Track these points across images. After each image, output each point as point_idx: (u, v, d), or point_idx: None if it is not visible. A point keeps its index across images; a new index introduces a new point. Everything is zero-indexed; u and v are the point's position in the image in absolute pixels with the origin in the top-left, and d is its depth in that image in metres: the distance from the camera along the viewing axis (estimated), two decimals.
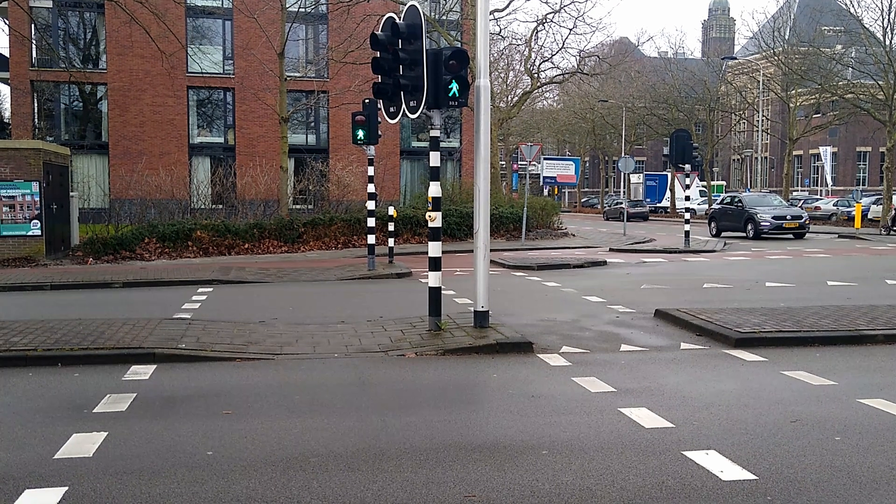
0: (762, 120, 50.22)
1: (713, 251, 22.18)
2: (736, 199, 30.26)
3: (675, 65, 53.66)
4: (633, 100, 54.59)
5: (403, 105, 9.09)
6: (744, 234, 27.92)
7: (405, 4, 11.65)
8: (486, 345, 8.23)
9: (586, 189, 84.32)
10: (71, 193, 21.37)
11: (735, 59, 52.51)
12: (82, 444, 5.15)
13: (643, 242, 25.65)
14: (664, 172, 66.29)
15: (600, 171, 74.06)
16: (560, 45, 50.54)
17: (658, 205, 59.76)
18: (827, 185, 49.58)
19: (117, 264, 18.56)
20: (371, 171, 16.63)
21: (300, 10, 27.19)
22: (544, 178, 30.72)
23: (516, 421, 5.70)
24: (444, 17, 32.93)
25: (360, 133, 15.93)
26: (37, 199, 18.33)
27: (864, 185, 59.49)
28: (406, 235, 23.70)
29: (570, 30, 51.20)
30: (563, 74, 39.25)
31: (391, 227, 18.44)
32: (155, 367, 7.51)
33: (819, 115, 48.51)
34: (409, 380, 7.09)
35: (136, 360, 7.66)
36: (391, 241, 18.22)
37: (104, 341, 8.20)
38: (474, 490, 4.39)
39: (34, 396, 6.56)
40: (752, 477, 4.54)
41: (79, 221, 21.67)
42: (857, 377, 7.06)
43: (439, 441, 5.25)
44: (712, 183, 57.00)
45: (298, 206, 27.54)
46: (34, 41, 32.69)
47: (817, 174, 62.45)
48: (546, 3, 68.68)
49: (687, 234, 23.30)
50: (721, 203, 31.73)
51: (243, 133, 36.00)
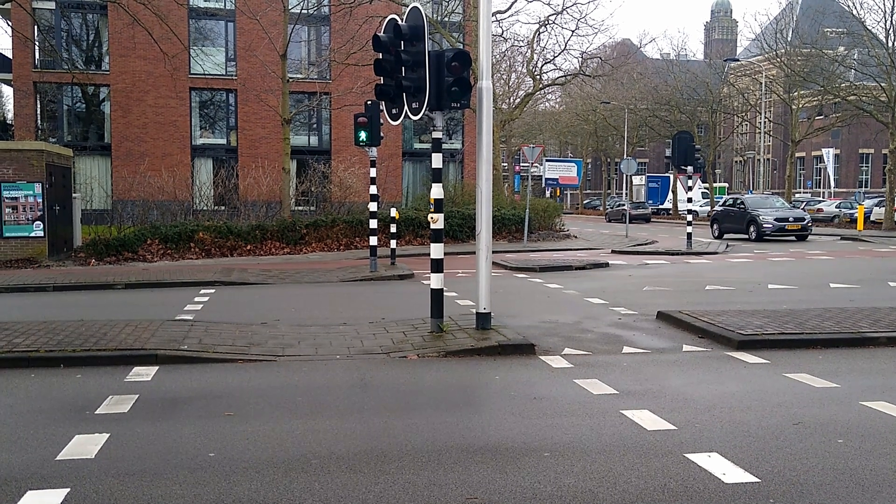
0: (764, 122, 50.18)
1: (715, 253, 22.16)
2: (738, 201, 30.23)
3: (677, 66, 53.64)
4: (636, 101, 54.58)
5: (405, 107, 9.09)
6: (746, 236, 27.90)
7: (407, 6, 11.66)
8: (488, 347, 8.23)
9: (588, 191, 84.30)
10: (73, 195, 21.41)
11: (737, 60, 52.53)
12: (84, 446, 5.15)
13: (645, 244, 25.64)
14: (666, 174, 66.29)
15: (602, 172, 74.01)
16: (562, 47, 50.71)
17: (660, 206, 59.74)
18: (829, 187, 49.49)
19: (119, 265, 18.58)
20: (373, 172, 16.63)
21: (302, 11, 27.22)
22: (546, 179, 30.76)
23: (518, 423, 5.70)
24: (446, 19, 32.95)
25: (363, 135, 15.94)
26: (39, 200, 18.36)
27: (866, 187, 59.40)
28: (408, 237, 23.70)
29: (573, 31, 51.33)
30: (565, 76, 39.27)
31: (393, 228, 18.44)
32: (157, 368, 7.51)
33: (821, 116, 48.49)
34: (410, 381, 7.09)
35: (139, 362, 7.67)
36: (393, 243, 18.23)
37: (106, 343, 8.20)
38: (476, 492, 4.39)
39: (36, 398, 6.56)
40: (755, 479, 4.53)
41: (81, 223, 21.70)
42: (860, 379, 7.05)
43: (441, 443, 5.25)
44: (714, 185, 56.96)
45: (300, 208, 27.58)
46: (37, 43, 32.77)
47: (820, 176, 62.38)
48: (548, 4, 69.23)
49: (689, 235, 23.28)
50: (723, 205, 31.69)
51: (246, 134, 36.03)
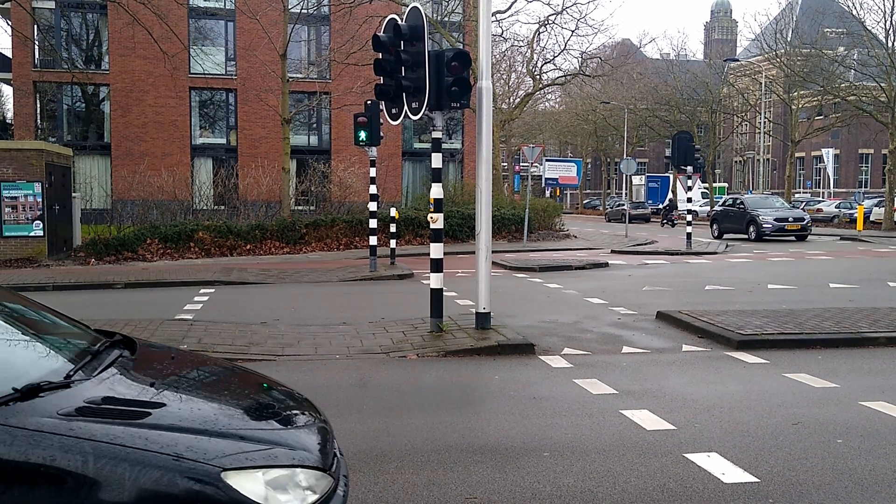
0: (764, 122, 50.20)
1: (715, 253, 22.17)
2: (738, 201, 30.22)
3: (677, 66, 53.66)
4: (635, 101, 54.58)
5: (405, 106, 9.09)
6: (746, 236, 27.90)
7: (407, 6, 11.66)
8: (488, 346, 8.23)
9: (588, 191, 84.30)
10: (73, 194, 21.39)
11: (737, 60, 52.52)
12: None
13: (645, 244, 25.65)
14: (666, 174, 66.29)
15: (602, 172, 74.03)
16: (562, 47, 50.69)
17: (660, 206, 59.70)
18: (829, 188, 49.52)
19: (119, 265, 18.57)
20: (373, 172, 16.63)
21: (302, 11, 27.21)
22: (546, 179, 30.74)
23: (518, 423, 5.70)
24: (446, 19, 32.94)
25: (362, 134, 15.94)
26: (39, 199, 18.35)
27: (866, 187, 59.42)
28: (408, 237, 23.69)
29: (573, 31, 51.24)
30: (565, 76, 39.27)
31: (393, 228, 18.45)
32: None
33: (821, 117, 48.49)
34: (410, 381, 7.09)
35: None
36: (393, 243, 18.23)
37: None
38: (475, 492, 4.39)
39: None
40: (754, 479, 4.54)
41: (81, 222, 21.68)
42: (859, 379, 7.06)
43: (440, 443, 5.26)
44: (714, 185, 56.95)
45: (300, 208, 27.57)
46: (37, 42, 32.72)
47: (819, 176, 62.40)
48: (548, 4, 69.21)
49: (689, 235, 23.28)
50: (723, 205, 31.69)
51: (245, 134, 36.02)
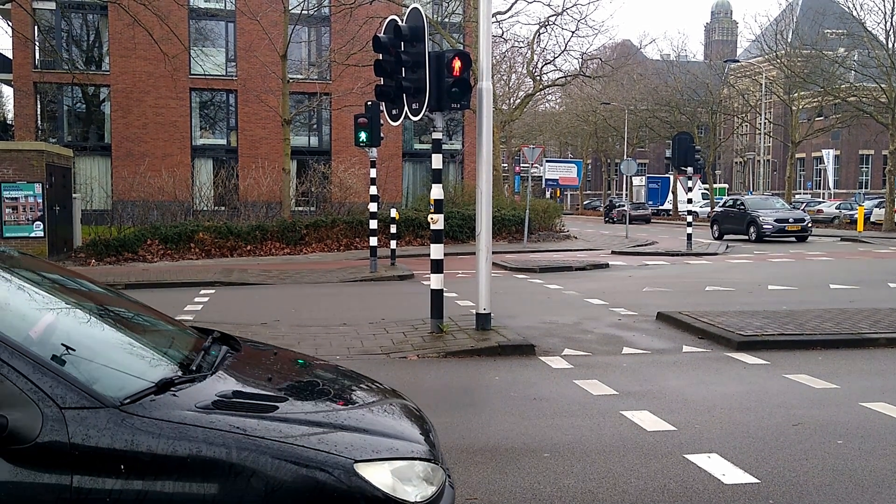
0: (764, 123, 50.17)
1: (715, 254, 22.16)
2: (738, 202, 30.22)
3: (677, 67, 53.65)
4: (636, 102, 54.58)
5: (406, 107, 9.09)
6: (746, 237, 27.90)
7: (408, 7, 11.66)
8: (488, 347, 8.23)
9: (588, 192, 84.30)
10: (74, 195, 21.40)
11: (737, 61, 52.54)
12: None
13: (645, 245, 25.64)
14: (666, 175, 66.29)
15: (602, 173, 74.02)
16: (562, 48, 50.54)
17: (660, 207, 59.74)
18: (829, 188, 49.51)
19: (119, 266, 18.58)
20: (373, 173, 16.64)
21: (303, 12, 27.23)
22: (546, 180, 30.78)
23: (518, 423, 5.70)
24: (446, 20, 32.95)
25: (363, 135, 15.94)
26: (39, 200, 18.35)
27: (866, 188, 59.39)
28: (408, 237, 23.69)
29: (573, 32, 51.12)
30: (565, 77, 39.27)
31: (393, 229, 18.45)
32: None
33: (821, 118, 48.49)
34: (410, 382, 7.09)
35: None
36: (393, 244, 18.23)
37: None
38: (476, 492, 4.39)
39: None
40: (754, 480, 4.54)
41: (81, 223, 21.68)
42: (860, 380, 7.05)
43: (441, 443, 5.24)
44: (714, 186, 56.96)
45: (301, 208, 27.58)
46: (37, 43, 32.74)
47: (820, 177, 62.38)
48: (548, 5, 69.19)
49: (689, 236, 23.28)
50: (723, 206, 31.69)
51: (246, 135, 36.03)
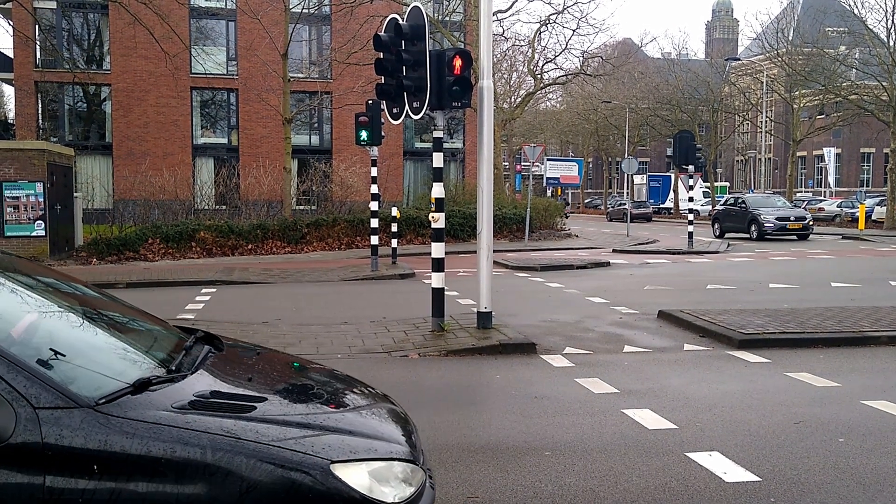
0: (766, 121, 50.16)
1: (716, 252, 22.16)
2: (739, 201, 30.19)
3: (678, 66, 53.61)
4: (637, 101, 54.55)
5: (406, 106, 9.10)
6: (747, 236, 27.88)
7: (408, 5, 11.65)
8: (489, 346, 8.23)
9: (589, 190, 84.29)
10: (75, 194, 21.41)
11: (738, 60, 52.49)
12: None
13: (647, 243, 25.62)
14: (668, 173, 66.29)
15: (604, 172, 74.00)
16: (563, 46, 50.43)
17: (661, 206, 59.75)
18: (830, 187, 49.50)
19: (121, 265, 18.59)
20: (374, 171, 16.64)
21: (304, 11, 27.22)
22: (548, 178, 30.76)
23: (519, 422, 5.70)
24: (447, 19, 32.93)
25: (364, 134, 15.95)
26: (41, 199, 18.37)
27: (867, 186, 59.39)
28: (409, 236, 23.70)
29: (574, 31, 51.17)
30: (566, 75, 39.24)
31: (394, 227, 18.45)
32: None
33: (823, 116, 48.46)
34: (411, 381, 7.09)
35: None
36: (394, 242, 18.24)
37: None
38: (477, 491, 4.39)
39: None
40: (756, 478, 4.54)
41: (83, 222, 21.70)
42: (861, 379, 7.05)
43: (442, 442, 5.25)
44: (716, 184, 56.96)
45: (302, 207, 27.57)
46: (38, 42, 32.73)
47: (821, 175, 62.35)
48: (549, 3, 69.09)
49: (690, 235, 23.27)
50: (724, 204, 31.68)
51: (247, 134, 36.04)
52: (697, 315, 9.72)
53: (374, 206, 16.76)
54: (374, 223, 16.73)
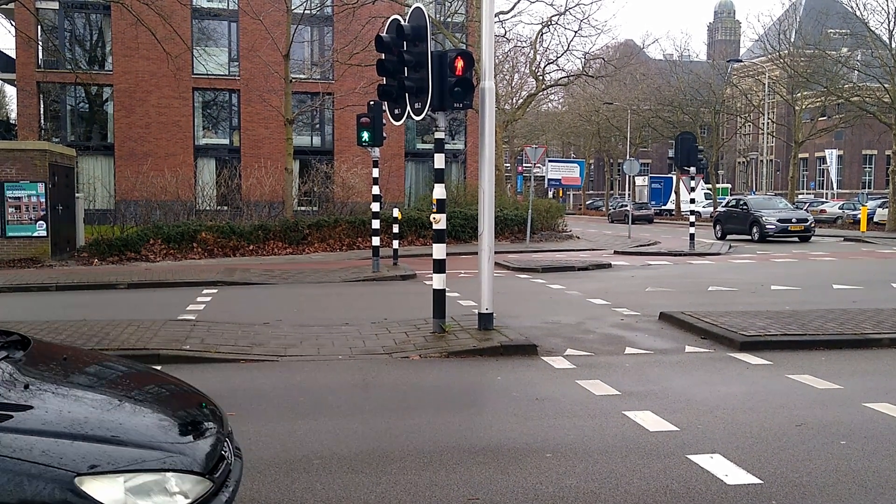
0: (767, 123, 50.10)
1: (718, 254, 22.13)
2: (741, 202, 30.16)
3: (680, 67, 53.58)
4: (638, 102, 54.53)
5: (408, 107, 9.09)
6: (749, 237, 27.85)
7: (410, 7, 11.66)
8: (490, 347, 8.23)
9: (591, 191, 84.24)
10: (76, 194, 21.41)
11: (740, 61, 52.44)
12: None
13: (648, 245, 25.60)
14: (669, 175, 66.24)
15: (605, 173, 73.95)
16: (565, 48, 50.55)
17: (663, 207, 59.71)
18: (832, 188, 49.47)
19: (122, 265, 18.59)
20: (376, 172, 16.64)
21: (305, 12, 27.23)
22: (549, 180, 30.76)
23: (520, 423, 5.69)
24: (449, 20, 32.94)
25: (365, 135, 15.95)
26: (42, 200, 18.38)
27: (869, 188, 59.28)
28: (410, 237, 23.69)
29: (576, 32, 50.79)
30: (568, 77, 39.25)
31: (396, 228, 18.45)
32: (159, 368, 7.50)
33: (825, 118, 48.41)
34: (412, 382, 7.09)
35: (141, 361, 7.54)
36: (396, 243, 18.23)
37: (109, 342, 8.21)
38: (478, 493, 4.38)
39: None
40: (757, 481, 4.52)
41: (84, 222, 21.70)
42: (863, 381, 7.04)
43: (443, 443, 5.25)
44: (717, 186, 56.91)
45: (303, 208, 27.57)
46: (40, 42, 32.79)
47: (823, 177, 62.30)
48: (551, 5, 68.99)
49: (692, 236, 23.25)
50: (726, 206, 31.64)
51: (248, 135, 36.06)
52: (699, 317, 9.71)
53: (375, 207, 16.75)
54: (376, 224, 16.73)
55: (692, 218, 23.88)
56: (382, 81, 9.33)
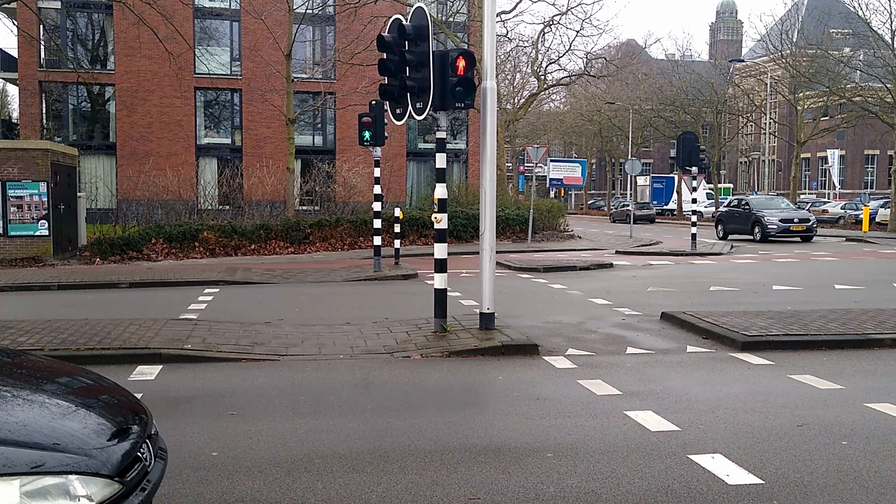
0: (769, 123, 50.07)
1: (720, 254, 22.12)
2: (743, 202, 30.15)
3: (682, 67, 53.53)
4: (640, 102, 54.48)
5: (410, 107, 9.09)
6: (751, 237, 27.84)
7: (412, 6, 11.66)
8: (492, 347, 8.22)
9: (593, 191, 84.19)
10: (78, 194, 21.43)
11: (742, 61, 52.42)
12: None
13: (650, 245, 25.59)
14: (671, 175, 66.19)
15: (607, 173, 73.89)
16: (567, 47, 50.61)
17: (665, 207, 59.67)
18: (834, 188, 49.42)
19: (124, 265, 18.61)
20: (377, 172, 16.64)
21: (307, 11, 27.24)
22: (551, 180, 30.70)
23: (521, 423, 5.69)
24: (450, 19, 32.93)
25: (367, 134, 15.96)
26: (44, 199, 18.39)
27: (871, 188, 59.27)
28: (412, 237, 23.69)
29: (577, 32, 50.64)
30: (569, 76, 39.23)
31: (397, 228, 18.44)
32: (161, 367, 7.52)
33: (827, 117, 48.38)
34: (414, 381, 7.09)
35: (143, 361, 7.68)
36: (397, 243, 18.22)
37: (110, 341, 8.22)
38: (479, 493, 4.38)
39: None
40: (759, 481, 4.52)
41: (86, 222, 21.72)
42: (865, 381, 7.03)
43: (444, 443, 5.25)
44: (719, 185, 56.87)
45: (305, 208, 27.57)
46: (42, 42, 32.80)
47: (825, 177, 62.27)
48: (553, 5, 69.06)
49: (694, 236, 23.24)
50: (728, 206, 31.63)
51: (250, 134, 36.07)
52: (700, 317, 9.70)
53: (377, 206, 16.75)
54: (377, 224, 16.73)
55: (694, 218, 23.87)
56: (384, 81, 9.32)
